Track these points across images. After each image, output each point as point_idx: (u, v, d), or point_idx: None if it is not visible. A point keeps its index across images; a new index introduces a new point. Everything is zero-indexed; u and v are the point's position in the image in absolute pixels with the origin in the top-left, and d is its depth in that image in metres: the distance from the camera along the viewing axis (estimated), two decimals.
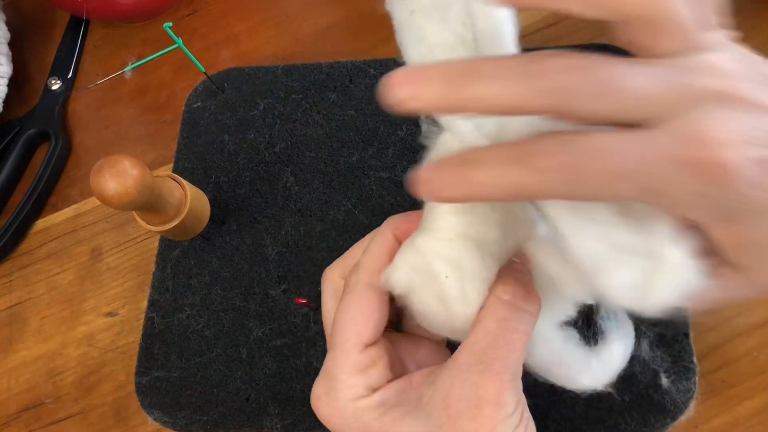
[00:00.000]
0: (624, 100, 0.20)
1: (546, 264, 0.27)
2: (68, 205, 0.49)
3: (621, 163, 0.19)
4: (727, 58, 0.20)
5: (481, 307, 0.26)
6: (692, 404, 0.34)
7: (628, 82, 0.20)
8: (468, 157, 0.22)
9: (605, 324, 0.32)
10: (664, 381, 0.34)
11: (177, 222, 0.39)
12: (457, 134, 0.28)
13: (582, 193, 0.20)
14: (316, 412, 0.29)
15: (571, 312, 0.30)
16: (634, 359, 0.34)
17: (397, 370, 0.29)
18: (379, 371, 0.28)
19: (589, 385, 0.30)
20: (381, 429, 0.26)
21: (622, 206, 0.22)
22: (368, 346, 0.28)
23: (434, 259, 0.26)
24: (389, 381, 0.28)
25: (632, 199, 0.20)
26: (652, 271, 0.22)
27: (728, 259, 0.22)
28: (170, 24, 0.40)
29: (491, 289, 0.26)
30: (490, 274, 0.27)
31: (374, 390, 0.27)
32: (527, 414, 0.27)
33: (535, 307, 0.26)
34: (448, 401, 0.25)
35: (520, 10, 0.24)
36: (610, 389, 0.34)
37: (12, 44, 0.53)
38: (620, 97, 0.20)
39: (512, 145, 0.21)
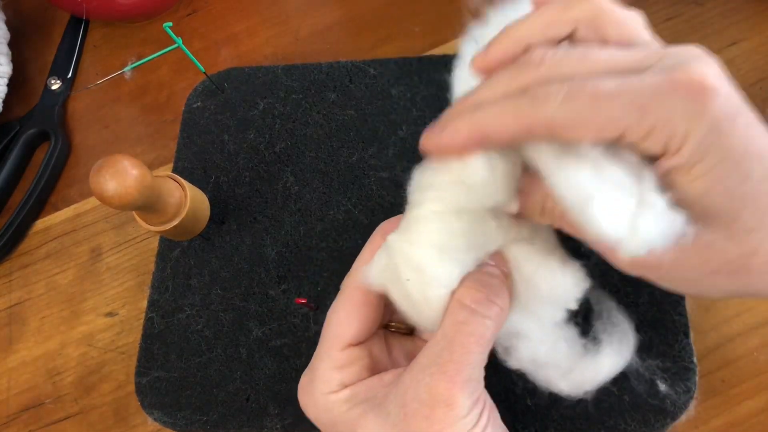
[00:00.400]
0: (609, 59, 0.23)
1: (522, 265, 0.28)
2: (68, 205, 0.49)
3: (618, 87, 0.22)
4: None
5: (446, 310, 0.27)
6: (692, 404, 0.34)
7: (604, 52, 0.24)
8: (473, 101, 0.25)
9: (602, 333, 0.32)
10: (662, 387, 0.34)
11: (177, 222, 0.39)
12: None
13: (585, 117, 0.22)
14: (299, 400, 0.31)
15: (558, 315, 0.30)
16: (633, 363, 0.34)
17: (381, 371, 0.30)
18: (355, 370, 0.29)
19: (566, 392, 0.31)
20: (347, 422, 0.28)
21: (608, 150, 0.23)
22: (350, 345, 0.30)
23: (400, 261, 0.27)
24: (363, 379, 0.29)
25: (627, 123, 0.22)
26: (638, 210, 0.23)
27: (705, 209, 0.23)
28: (170, 24, 0.40)
29: (453, 294, 0.27)
30: (451, 279, 0.27)
31: (346, 386, 0.29)
32: (488, 416, 0.27)
33: (495, 311, 0.27)
34: (405, 400, 0.26)
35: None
36: (613, 389, 0.34)
37: (12, 44, 0.53)
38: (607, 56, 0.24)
39: (514, 76, 0.24)
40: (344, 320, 0.30)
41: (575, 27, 0.25)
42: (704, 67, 0.22)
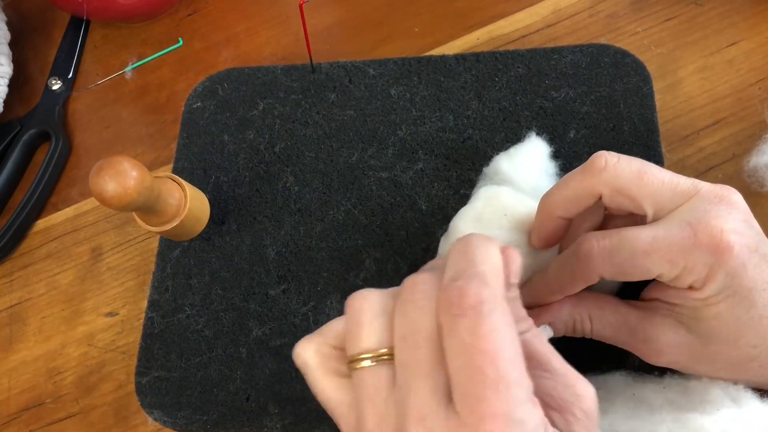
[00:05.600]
0: (655, 186, 0.28)
1: None
2: (68, 205, 0.49)
3: (651, 243, 0.27)
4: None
5: None
6: None
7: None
8: (539, 272, 0.32)
9: None
10: None
11: (177, 222, 0.39)
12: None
13: (625, 271, 0.28)
14: None
15: None
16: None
17: None
18: None
19: None
20: None
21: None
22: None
23: None
24: None
25: (659, 272, 0.27)
26: None
27: (715, 328, 0.28)
28: None
29: None
30: None
31: None
32: None
33: None
34: None
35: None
36: None
37: (12, 44, 0.53)
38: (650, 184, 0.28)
39: (569, 250, 0.30)
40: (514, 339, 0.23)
41: (600, 194, 0.29)
42: (724, 223, 0.26)
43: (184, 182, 0.40)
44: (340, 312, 0.39)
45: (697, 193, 0.27)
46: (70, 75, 0.54)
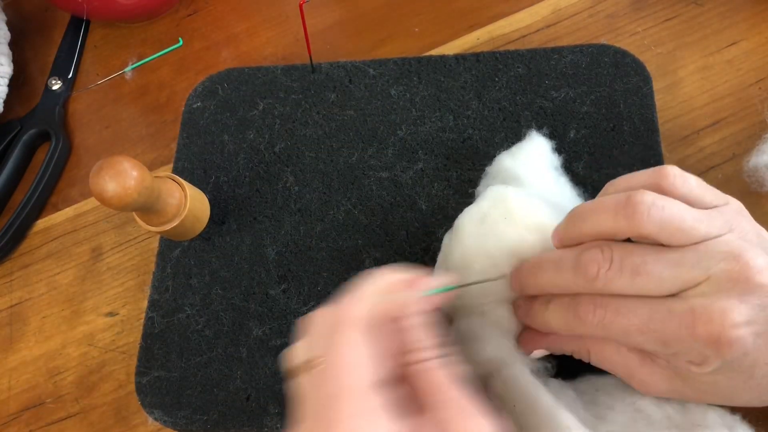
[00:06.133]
0: (651, 282, 0.27)
1: None
2: (69, 205, 0.49)
3: (646, 323, 0.26)
4: (732, 238, 0.27)
5: None
6: None
7: (651, 267, 0.27)
8: (541, 306, 0.31)
9: None
10: None
11: (177, 222, 0.40)
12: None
13: (618, 339, 0.28)
14: None
15: None
16: None
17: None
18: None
19: None
20: None
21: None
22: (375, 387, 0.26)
23: None
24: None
25: (650, 349, 0.27)
26: None
27: (712, 391, 0.28)
28: None
29: None
30: None
31: None
32: None
33: None
34: None
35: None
36: None
37: (12, 44, 0.53)
38: (648, 279, 0.27)
39: (569, 300, 0.29)
40: (363, 359, 0.24)
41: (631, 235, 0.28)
42: (729, 316, 0.25)
43: (184, 182, 0.41)
44: None
45: (704, 275, 0.26)
46: (70, 75, 0.54)
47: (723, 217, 0.27)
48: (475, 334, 0.32)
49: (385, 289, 0.26)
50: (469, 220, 0.34)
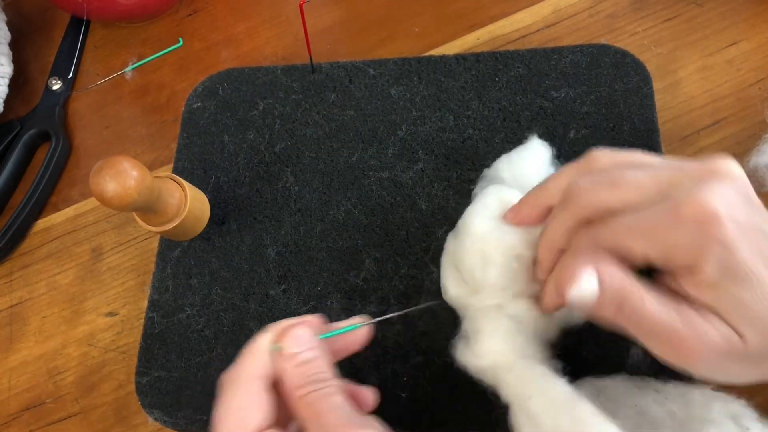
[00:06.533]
0: (631, 189, 0.27)
1: None
2: (69, 205, 0.49)
3: (634, 222, 0.26)
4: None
5: None
6: None
7: (629, 175, 0.27)
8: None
9: None
10: None
11: (177, 222, 0.40)
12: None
13: (611, 247, 0.27)
14: None
15: None
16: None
17: None
18: None
19: None
20: None
21: None
22: None
23: None
24: None
25: (645, 252, 0.26)
26: None
27: (716, 311, 0.26)
28: None
29: None
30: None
31: None
32: None
33: None
34: None
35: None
36: None
37: (13, 44, 0.53)
38: (628, 187, 0.27)
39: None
40: (248, 406, 0.28)
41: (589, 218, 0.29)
42: (710, 194, 0.25)
43: (184, 182, 0.41)
44: (340, 312, 0.39)
45: (684, 175, 0.26)
46: (70, 75, 0.54)
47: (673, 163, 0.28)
48: (491, 328, 0.32)
49: (271, 341, 0.29)
50: (480, 219, 0.34)
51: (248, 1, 0.55)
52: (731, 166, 0.26)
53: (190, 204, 0.40)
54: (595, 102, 0.42)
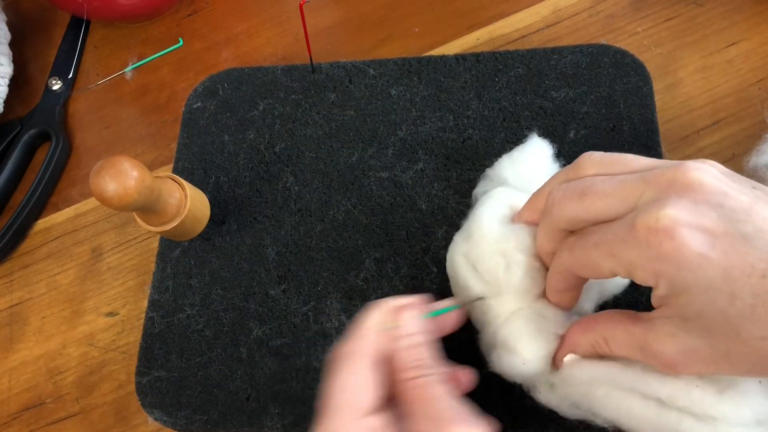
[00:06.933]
0: (597, 200, 0.27)
1: None
2: (69, 205, 0.49)
3: (600, 236, 0.26)
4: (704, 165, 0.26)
5: None
6: None
7: (597, 186, 0.27)
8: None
9: None
10: None
11: (177, 222, 0.40)
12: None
13: (582, 263, 0.28)
14: None
15: None
16: None
17: None
18: None
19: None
20: None
21: None
22: (370, 413, 0.28)
23: None
24: None
25: (609, 267, 0.26)
26: None
27: (707, 325, 0.25)
28: None
29: None
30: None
31: None
32: None
33: None
34: None
35: None
36: None
37: (13, 44, 0.53)
38: (594, 198, 0.27)
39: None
40: (361, 385, 0.28)
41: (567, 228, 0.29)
42: (664, 210, 0.24)
43: (184, 182, 0.41)
44: (340, 312, 0.39)
45: (647, 186, 0.25)
46: (70, 75, 0.54)
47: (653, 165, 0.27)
48: (533, 332, 0.31)
49: (383, 320, 0.29)
50: (494, 220, 0.33)
51: (248, 1, 0.55)
52: (698, 174, 0.24)
53: (190, 204, 0.40)
54: (595, 102, 0.42)
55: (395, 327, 0.29)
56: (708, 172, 0.25)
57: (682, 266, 0.23)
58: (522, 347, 0.31)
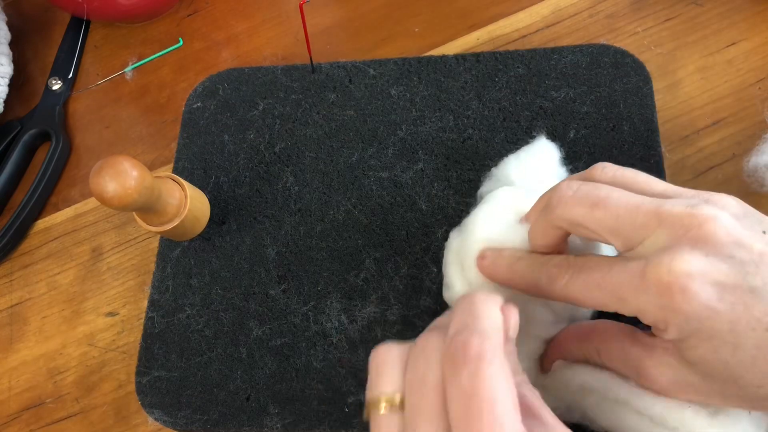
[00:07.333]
0: (606, 218, 0.26)
1: None
2: (69, 205, 0.49)
3: (603, 277, 0.26)
4: (696, 201, 0.25)
5: None
6: None
7: (613, 203, 0.26)
8: (519, 254, 0.31)
9: None
10: None
11: (177, 222, 0.40)
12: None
13: (574, 297, 0.27)
14: None
15: None
16: None
17: None
18: None
19: None
20: None
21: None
22: None
23: None
24: None
25: (615, 308, 0.26)
26: None
27: (708, 372, 0.25)
28: None
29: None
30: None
31: None
32: None
33: None
34: None
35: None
36: None
37: (13, 44, 0.53)
38: (605, 213, 0.26)
39: (545, 259, 0.29)
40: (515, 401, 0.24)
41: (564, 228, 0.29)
42: (679, 262, 0.24)
43: (184, 182, 0.41)
44: (340, 312, 0.39)
45: (660, 223, 0.25)
46: (70, 75, 0.54)
47: (681, 193, 0.27)
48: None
49: (499, 321, 0.25)
50: (491, 219, 0.33)
51: (248, 1, 0.55)
52: (713, 226, 0.24)
53: (190, 204, 0.40)
54: (595, 102, 0.42)
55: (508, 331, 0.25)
56: (723, 221, 0.24)
57: (691, 317, 0.24)
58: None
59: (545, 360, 0.32)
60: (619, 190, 0.27)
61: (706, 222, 0.24)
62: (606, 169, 0.29)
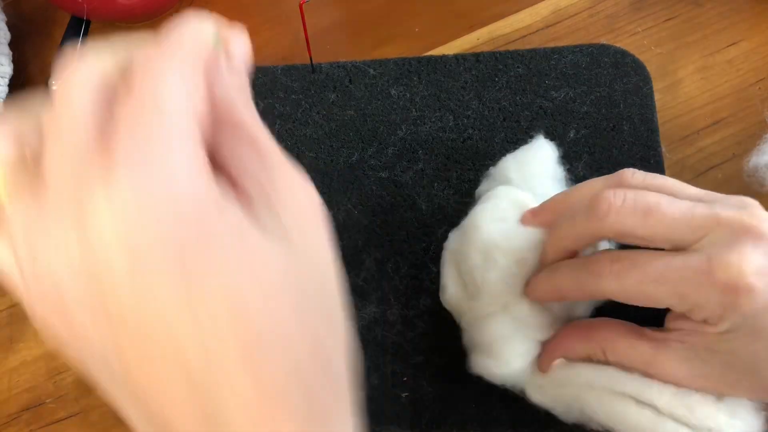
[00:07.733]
0: (662, 223, 0.26)
1: None
2: None
3: (662, 272, 0.26)
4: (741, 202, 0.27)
5: None
6: None
7: (665, 208, 0.27)
8: (552, 267, 0.30)
9: None
10: None
11: None
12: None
13: (625, 293, 0.27)
14: None
15: None
16: None
17: None
18: None
19: None
20: None
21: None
22: None
23: None
24: None
25: (669, 303, 0.26)
26: None
27: (732, 360, 0.27)
28: None
29: None
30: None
31: None
32: None
33: None
34: None
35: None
36: None
37: (12, 45, 0.53)
38: (660, 219, 0.26)
39: (584, 259, 0.30)
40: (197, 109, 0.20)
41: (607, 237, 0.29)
42: (746, 262, 0.24)
43: None
44: None
45: (718, 223, 0.25)
46: None
47: (718, 198, 0.27)
48: (507, 334, 0.31)
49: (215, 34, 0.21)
50: (489, 219, 0.33)
51: (248, 1, 0.55)
52: (766, 225, 0.25)
53: None
54: (595, 102, 0.42)
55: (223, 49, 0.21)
56: None
57: (748, 314, 0.25)
58: (496, 351, 0.31)
59: (544, 360, 0.32)
60: (664, 196, 0.27)
61: (762, 223, 0.25)
62: (636, 174, 0.29)
